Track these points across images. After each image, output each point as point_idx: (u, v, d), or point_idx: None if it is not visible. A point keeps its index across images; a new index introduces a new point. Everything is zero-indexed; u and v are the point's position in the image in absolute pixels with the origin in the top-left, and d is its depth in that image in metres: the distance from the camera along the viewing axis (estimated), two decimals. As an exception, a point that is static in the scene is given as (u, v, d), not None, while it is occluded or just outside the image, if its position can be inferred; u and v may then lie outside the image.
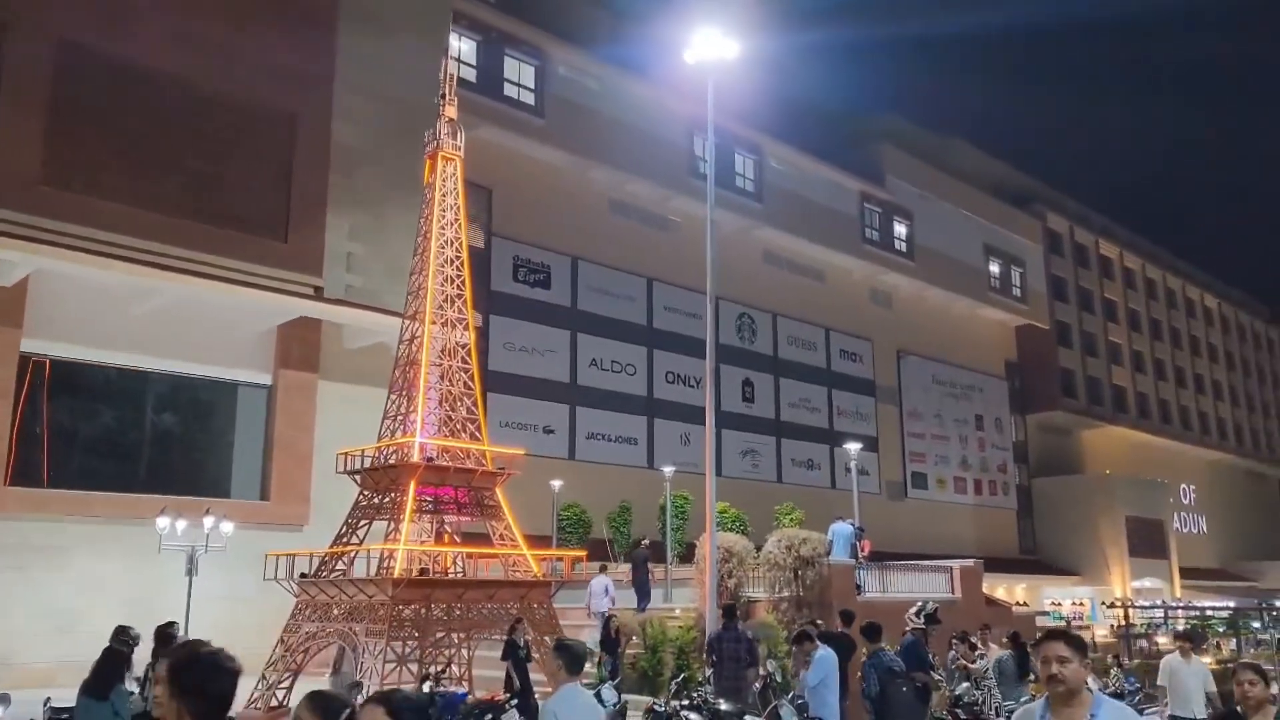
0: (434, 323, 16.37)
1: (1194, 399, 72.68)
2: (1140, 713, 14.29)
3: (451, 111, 17.32)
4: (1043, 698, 4.07)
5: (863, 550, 20.54)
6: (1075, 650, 3.88)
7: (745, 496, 34.57)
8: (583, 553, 21.49)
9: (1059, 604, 48.61)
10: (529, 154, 37.39)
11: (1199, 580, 62.44)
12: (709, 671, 12.22)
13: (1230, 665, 13.74)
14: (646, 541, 23.52)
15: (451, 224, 17.05)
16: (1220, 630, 44.54)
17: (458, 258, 17.00)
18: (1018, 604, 45.08)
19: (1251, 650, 41.13)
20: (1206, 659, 25.90)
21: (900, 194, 51.62)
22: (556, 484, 29.10)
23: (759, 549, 20.36)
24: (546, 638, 16.02)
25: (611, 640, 16.05)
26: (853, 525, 20.73)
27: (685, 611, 19.85)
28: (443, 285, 16.66)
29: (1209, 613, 48.60)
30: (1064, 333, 61.87)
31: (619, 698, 9.83)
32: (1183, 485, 69.42)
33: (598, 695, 9.79)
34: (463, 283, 17.00)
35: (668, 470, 28.46)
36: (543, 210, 38.34)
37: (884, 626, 10.95)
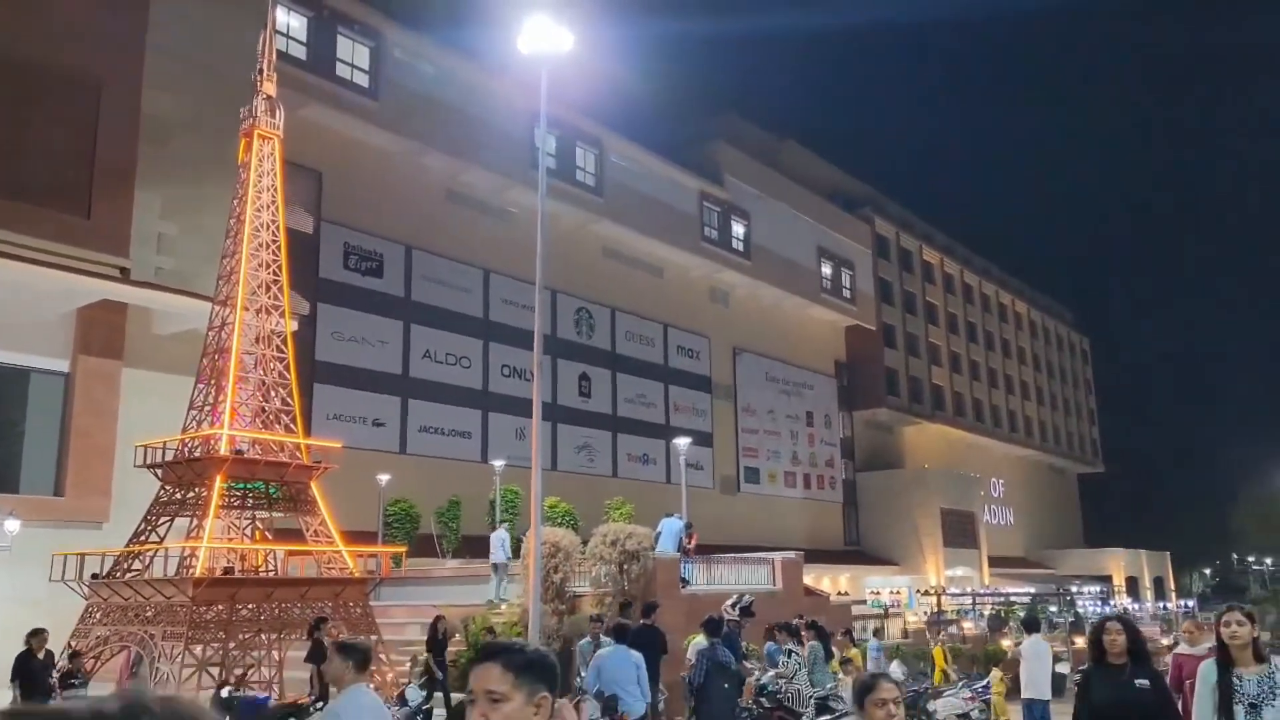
0: (247, 309, 15.51)
1: (1004, 398, 77.44)
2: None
3: (270, 88, 16.46)
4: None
5: (689, 544, 20.78)
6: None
7: (580, 491, 34.59)
8: (403, 549, 20.89)
9: (878, 593, 50.74)
10: (362, 138, 36.17)
11: (1005, 568, 66.62)
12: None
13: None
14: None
15: (268, 206, 16.21)
16: (1021, 615, 47.48)
17: (274, 241, 16.17)
18: (840, 593, 46.94)
19: (1050, 632, 44.11)
20: (1007, 641, 27.57)
21: (738, 194, 52.75)
22: (384, 478, 28.22)
23: (587, 543, 20.31)
24: (375, 638, 15.49)
25: (439, 641, 15.64)
26: (681, 520, 20.94)
27: (510, 607, 19.59)
28: (257, 270, 15.81)
29: (1013, 599, 51.82)
30: (889, 333, 64.72)
31: (423, 697, 9.54)
32: (993, 479, 73.87)
33: (401, 695, 9.48)
34: (279, 268, 16.19)
35: (498, 464, 28.11)
36: (376, 196, 37.18)
37: (710, 619, 11.06)
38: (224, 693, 11.88)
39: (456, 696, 12.80)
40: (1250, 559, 75.16)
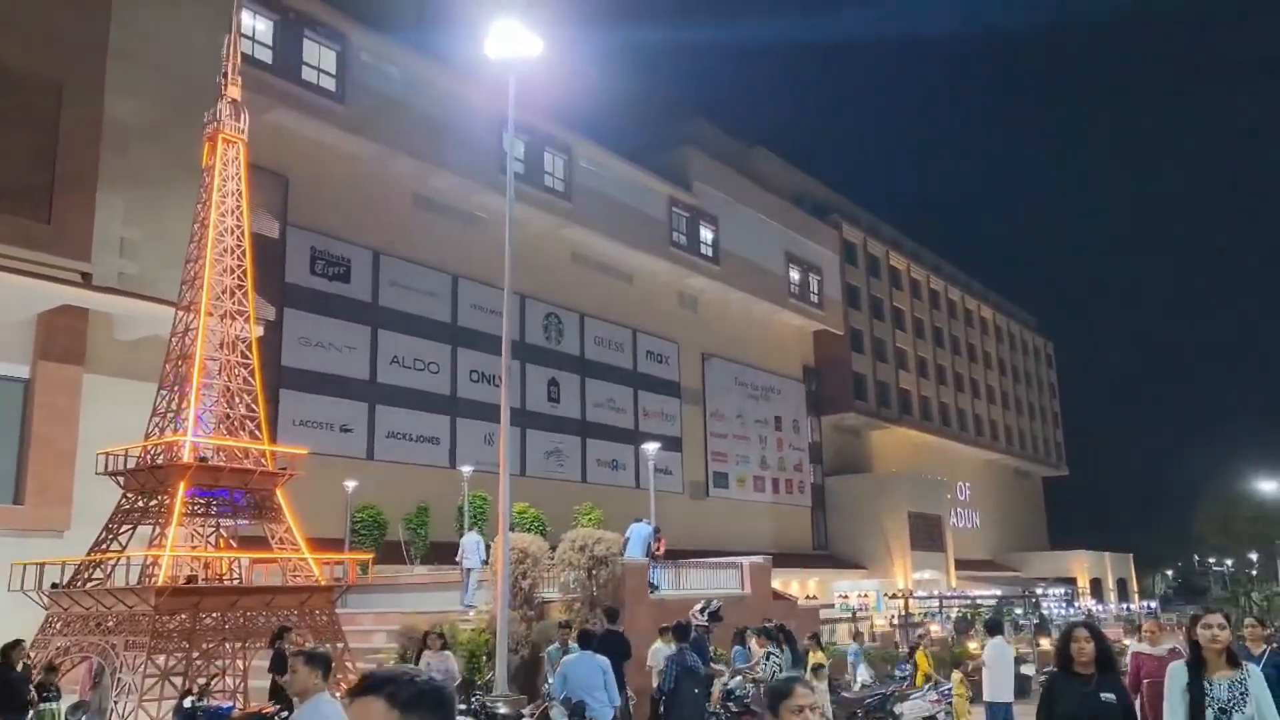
0: (211, 314, 15.34)
1: (970, 402, 78.21)
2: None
3: (235, 91, 16.30)
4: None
5: (658, 549, 20.80)
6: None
7: (549, 497, 34.51)
8: (370, 555, 20.75)
9: (846, 596, 51.06)
10: (329, 142, 35.93)
11: (972, 571, 67.27)
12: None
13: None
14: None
15: (233, 211, 16.05)
16: (987, 617, 47.92)
17: (239, 246, 16.01)
18: (809, 597, 47.15)
19: (1015, 634, 44.59)
20: (973, 644, 27.82)
21: (706, 199, 52.92)
22: (350, 484, 28.01)
23: (555, 549, 20.27)
24: (341, 646, 15.36)
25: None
26: (649, 525, 20.96)
27: (479, 614, 19.50)
28: (221, 275, 15.65)
29: (978, 601, 52.30)
30: (857, 338, 65.17)
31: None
32: (959, 483, 74.57)
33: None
34: (244, 273, 16.03)
35: (466, 470, 28.00)
36: (343, 201, 36.95)
37: (679, 624, 11.08)
38: (186, 703, 11.73)
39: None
40: (1211, 560, 76.32)
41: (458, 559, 21.30)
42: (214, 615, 14.21)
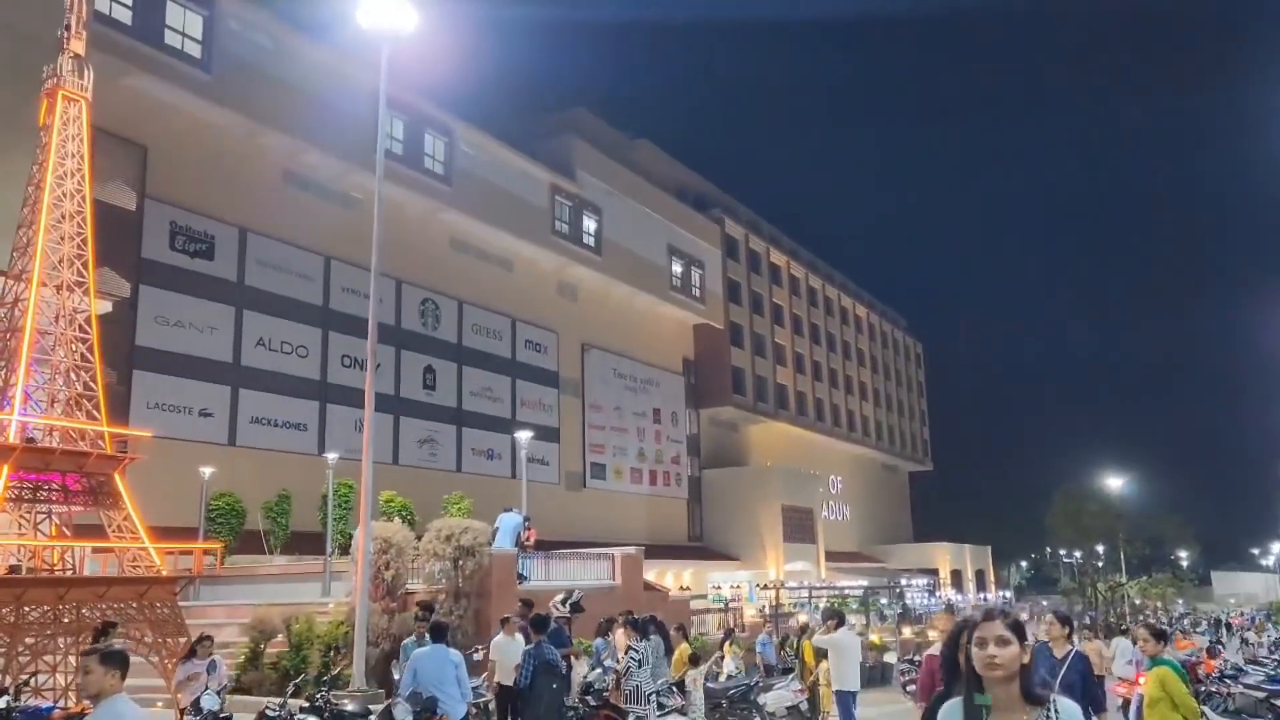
0: (45, 285, 14.22)
1: (843, 398, 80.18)
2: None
3: (79, 45, 15.14)
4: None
5: (528, 539, 20.42)
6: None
7: (422, 486, 33.71)
8: (220, 544, 19.73)
9: (719, 587, 51.58)
10: (193, 112, 34.14)
11: (841, 562, 68.93)
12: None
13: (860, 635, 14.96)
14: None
15: (73, 174, 14.91)
16: (854, 607, 49.20)
17: (80, 213, 14.89)
18: (682, 588, 47.39)
19: (880, 622, 45.94)
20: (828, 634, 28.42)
21: (590, 189, 52.57)
22: (206, 471, 26.67)
23: (421, 539, 19.68)
24: (185, 640, 14.48)
25: None
26: (519, 514, 20.55)
27: (339, 605, 18.75)
28: (58, 243, 14.52)
29: (846, 592, 53.60)
30: (736, 333, 65.90)
31: (220, 703, 8.89)
32: (831, 476, 76.35)
33: (196, 702, 8.80)
34: (85, 241, 14.92)
35: (331, 457, 27.00)
36: (208, 175, 35.19)
37: (536, 617, 10.76)
38: (1, 703, 10.79)
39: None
40: (1062, 552, 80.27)
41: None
42: (42, 609, 13.16)
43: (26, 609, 12.99)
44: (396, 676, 11.60)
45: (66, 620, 14.18)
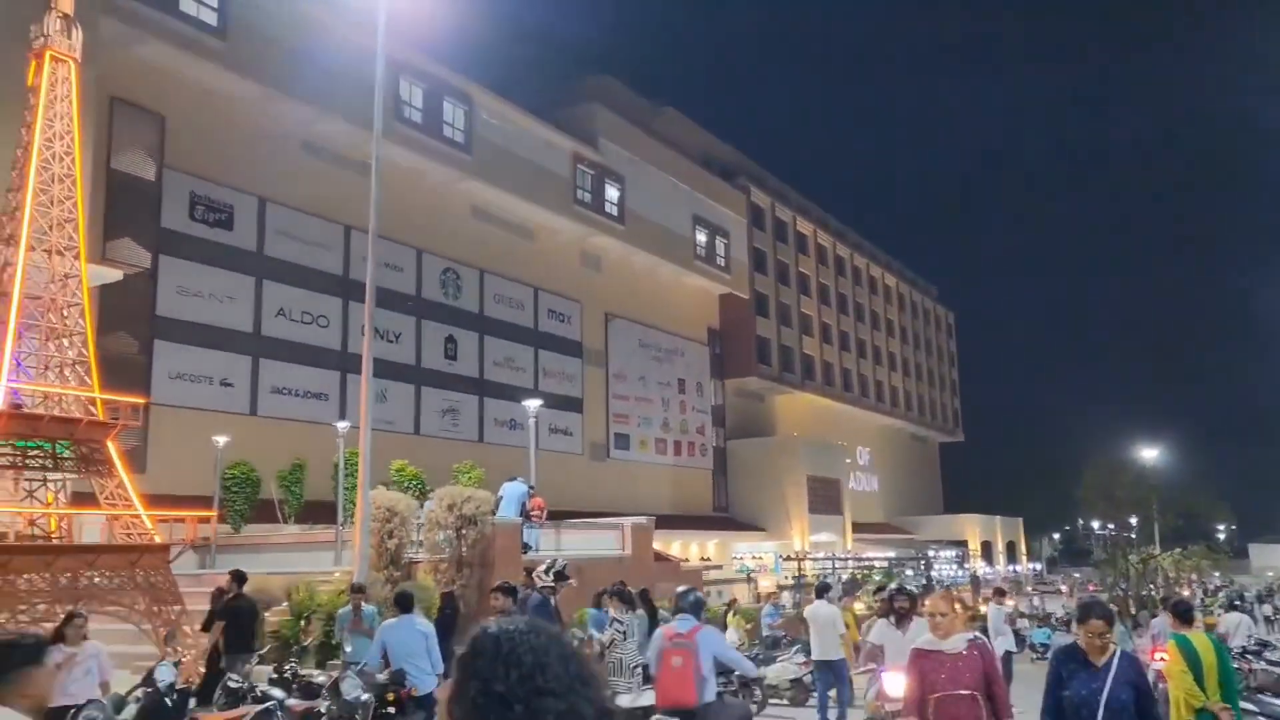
0: (34, 249, 14.05)
1: (871, 368, 79.29)
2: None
3: (67, 4, 14.86)
4: None
5: (534, 508, 20.14)
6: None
7: (443, 455, 33.53)
8: (211, 513, 19.66)
9: (743, 558, 51.41)
10: (210, 81, 33.99)
11: (868, 534, 68.44)
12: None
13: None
14: None
15: (63, 135, 14.69)
16: (878, 579, 48.81)
17: (69, 175, 14.68)
18: (703, 559, 47.22)
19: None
20: (860, 605, 28.01)
21: (612, 157, 51.96)
22: (220, 440, 26.68)
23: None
24: (179, 609, 14.38)
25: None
26: (524, 484, 20.29)
27: (343, 574, 18.62)
28: (48, 206, 14.33)
29: (873, 563, 53.21)
30: (762, 303, 65.23)
31: (174, 676, 8.70)
32: (859, 447, 75.65)
33: (150, 674, 8.60)
34: (75, 205, 14.71)
35: (342, 426, 26.90)
36: (226, 144, 35.08)
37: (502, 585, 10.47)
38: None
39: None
40: (1095, 524, 79.09)
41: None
42: (25, 578, 13.08)
43: (12, 577, 12.93)
44: (348, 649, 11.35)
45: (69, 588, 14.12)
